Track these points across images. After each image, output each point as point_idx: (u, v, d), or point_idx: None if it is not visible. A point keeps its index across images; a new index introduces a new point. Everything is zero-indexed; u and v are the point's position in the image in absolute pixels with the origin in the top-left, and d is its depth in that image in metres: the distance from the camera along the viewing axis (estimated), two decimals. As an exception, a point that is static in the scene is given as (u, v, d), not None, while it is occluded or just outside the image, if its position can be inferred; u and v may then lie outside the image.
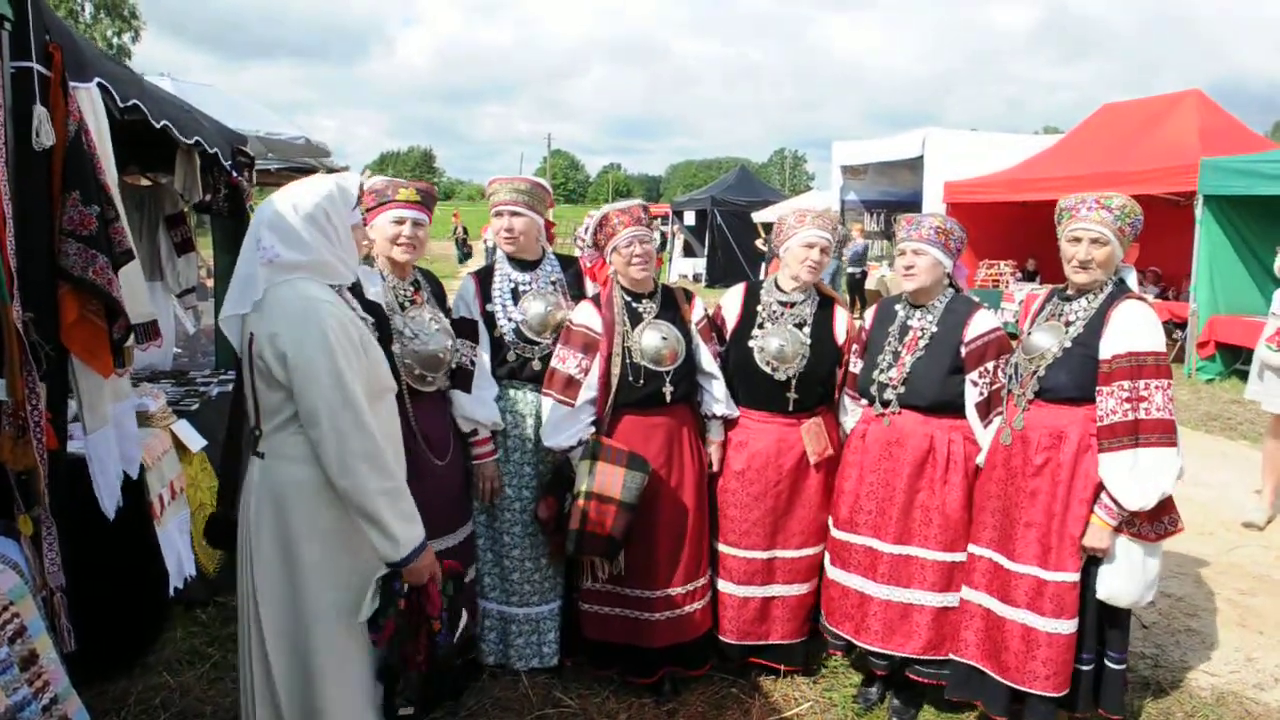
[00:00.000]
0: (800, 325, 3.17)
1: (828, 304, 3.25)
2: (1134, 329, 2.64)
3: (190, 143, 3.77)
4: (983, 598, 2.87)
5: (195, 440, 3.67)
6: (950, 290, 3.05)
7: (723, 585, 3.24)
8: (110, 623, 2.98)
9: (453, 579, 2.27)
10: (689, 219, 23.40)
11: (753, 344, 3.16)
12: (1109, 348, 2.65)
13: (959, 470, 2.94)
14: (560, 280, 3.30)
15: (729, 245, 21.58)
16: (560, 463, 3.11)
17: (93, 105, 2.56)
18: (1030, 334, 2.85)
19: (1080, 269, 2.74)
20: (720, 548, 3.24)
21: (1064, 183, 10.78)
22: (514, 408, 3.20)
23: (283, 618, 2.12)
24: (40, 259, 2.30)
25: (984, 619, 2.87)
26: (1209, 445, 7.13)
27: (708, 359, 3.19)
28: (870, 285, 15.33)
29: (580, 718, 3.10)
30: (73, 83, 2.39)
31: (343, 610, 2.11)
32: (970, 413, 2.93)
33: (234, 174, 4.50)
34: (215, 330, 5.25)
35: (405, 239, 2.91)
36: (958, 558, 2.94)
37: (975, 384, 2.91)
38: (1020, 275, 13.37)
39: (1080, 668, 2.76)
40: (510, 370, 3.19)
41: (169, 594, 3.21)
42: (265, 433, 2.14)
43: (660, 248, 7.16)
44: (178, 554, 3.22)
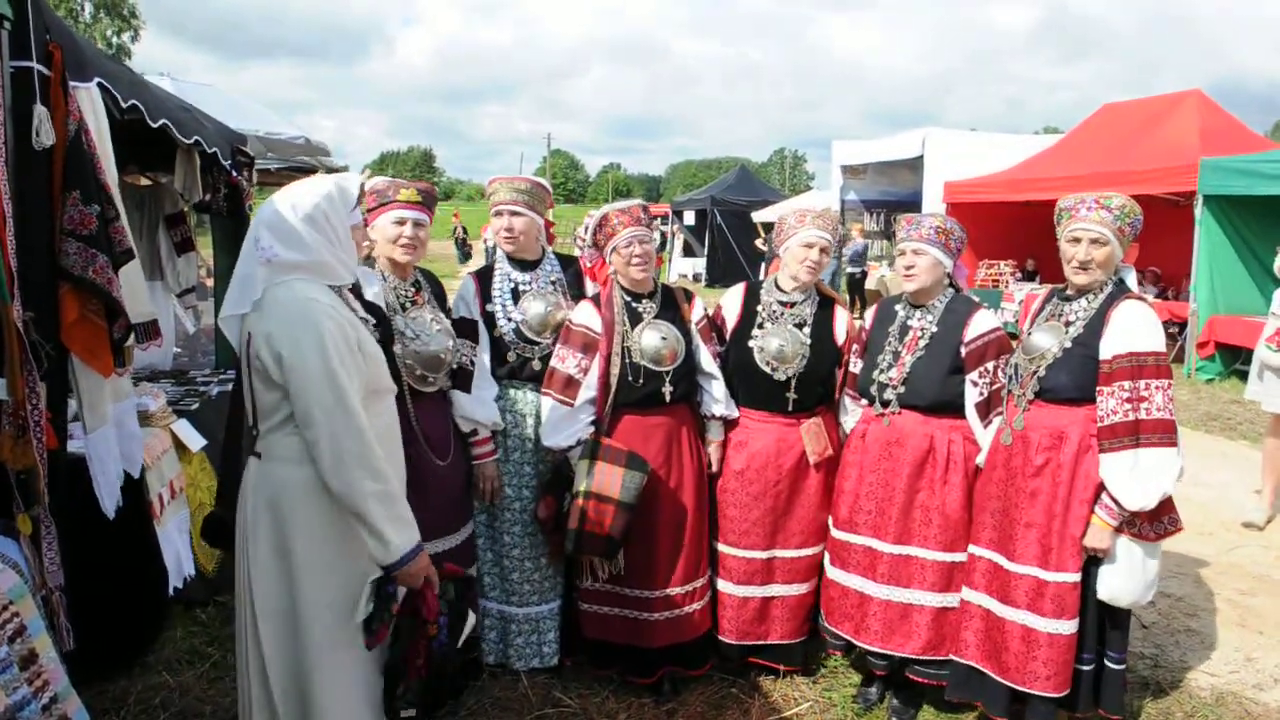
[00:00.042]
0: (800, 325, 3.17)
1: (828, 304, 3.25)
2: (1134, 329, 2.64)
3: (190, 142, 3.77)
4: (983, 598, 2.87)
5: (195, 440, 3.67)
6: (950, 290, 3.05)
7: (722, 585, 3.24)
8: (110, 622, 2.98)
9: (455, 583, 2.26)
10: (689, 219, 23.39)
11: (752, 344, 3.16)
12: (1109, 348, 2.65)
13: (959, 470, 2.94)
14: (560, 280, 3.30)
15: (729, 245, 21.57)
16: (560, 462, 3.11)
17: (93, 105, 2.56)
18: (1030, 334, 2.85)
19: (1080, 269, 2.74)
20: (720, 547, 3.24)
21: (1064, 183, 10.78)
22: (514, 407, 3.20)
23: (279, 617, 2.12)
24: (40, 258, 2.31)
25: (984, 619, 2.87)
26: (1209, 445, 7.13)
27: (707, 359, 3.18)
28: (870, 285, 15.32)
29: (580, 718, 3.09)
30: (73, 82, 2.40)
31: (339, 610, 2.11)
32: (970, 413, 2.93)
33: (234, 174, 4.50)
34: (215, 330, 5.26)
35: (406, 239, 2.91)
36: (957, 558, 2.94)
37: (975, 384, 2.91)
38: (1020, 275, 13.37)
39: (1080, 668, 2.76)
40: (510, 370, 3.19)
41: (168, 593, 3.22)
42: (262, 432, 2.14)
43: (660, 248, 7.14)
44: (177, 553, 3.23)
